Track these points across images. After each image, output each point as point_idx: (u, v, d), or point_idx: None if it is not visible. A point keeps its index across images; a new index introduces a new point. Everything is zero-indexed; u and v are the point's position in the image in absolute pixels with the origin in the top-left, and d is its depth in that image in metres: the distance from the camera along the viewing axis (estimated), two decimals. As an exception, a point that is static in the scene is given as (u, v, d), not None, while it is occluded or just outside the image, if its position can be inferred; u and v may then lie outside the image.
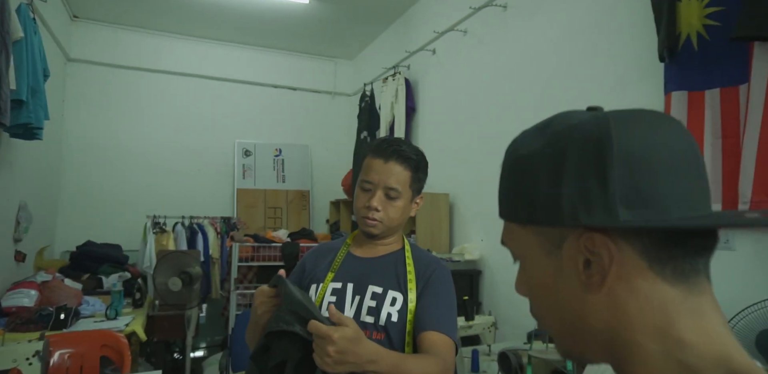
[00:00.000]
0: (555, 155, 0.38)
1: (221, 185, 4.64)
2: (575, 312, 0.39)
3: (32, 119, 2.48)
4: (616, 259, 0.36)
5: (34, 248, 3.35)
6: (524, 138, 0.43)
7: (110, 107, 4.29)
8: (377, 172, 1.09)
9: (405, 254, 1.16)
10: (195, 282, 3.04)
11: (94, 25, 4.21)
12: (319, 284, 1.13)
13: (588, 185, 0.36)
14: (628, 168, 0.35)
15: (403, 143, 1.13)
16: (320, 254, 1.21)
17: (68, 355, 2.20)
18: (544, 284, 0.42)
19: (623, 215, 0.35)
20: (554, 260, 0.40)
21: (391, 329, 1.05)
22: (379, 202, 1.09)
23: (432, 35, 3.47)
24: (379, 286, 1.09)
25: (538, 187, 0.39)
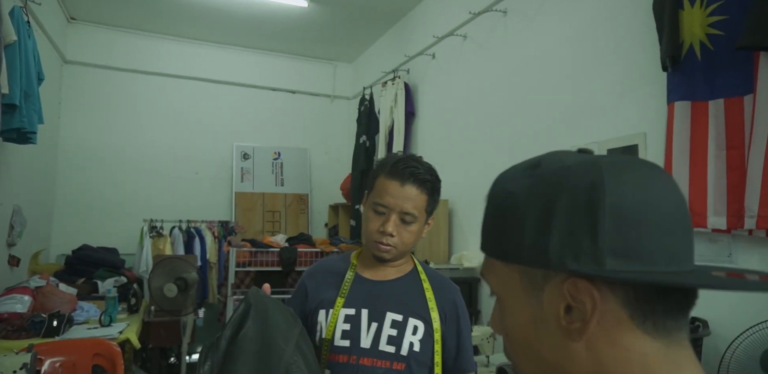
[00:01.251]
0: (545, 198, 0.38)
1: (219, 188, 4.61)
2: (553, 359, 0.39)
3: (25, 124, 2.45)
4: (599, 307, 0.36)
5: (28, 252, 3.32)
6: (513, 174, 0.42)
7: (107, 109, 4.26)
8: (393, 196, 1.03)
9: (420, 276, 1.12)
10: (191, 288, 3.01)
11: (91, 27, 4.18)
12: (328, 310, 1.06)
13: (577, 235, 0.36)
14: (619, 222, 0.35)
15: (418, 164, 1.07)
16: (322, 277, 1.14)
17: (59, 364, 2.17)
18: (521, 325, 0.41)
19: (610, 264, 0.35)
20: (534, 303, 0.39)
21: (413, 359, 1.02)
22: (394, 227, 1.03)
23: (431, 40, 3.44)
24: (399, 313, 1.04)
25: (525, 227, 0.38)
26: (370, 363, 1.01)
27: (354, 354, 1.02)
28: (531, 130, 2.55)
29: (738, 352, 1.27)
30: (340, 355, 1.03)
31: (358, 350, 1.02)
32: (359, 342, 1.02)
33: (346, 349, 1.03)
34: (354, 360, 1.01)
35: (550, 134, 2.40)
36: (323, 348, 1.05)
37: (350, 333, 1.03)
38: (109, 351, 2.26)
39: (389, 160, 1.08)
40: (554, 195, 0.37)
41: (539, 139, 2.47)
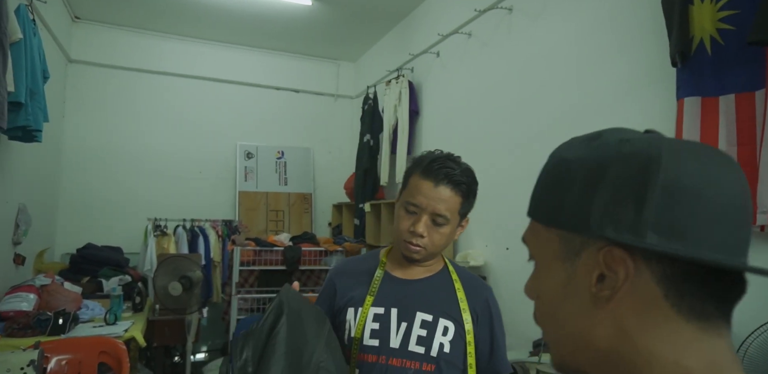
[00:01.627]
0: (598, 164, 0.37)
1: (223, 187, 4.61)
2: (578, 324, 0.39)
3: (31, 122, 2.45)
4: (631, 279, 0.35)
5: (33, 250, 3.32)
6: (571, 143, 0.42)
7: (111, 108, 4.26)
8: (426, 196, 1.00)
9: (451, 276, 1.09)
10: (195, 287, 3.00)
11: (96, 27, 4.18)
12: (357, 308, 1.05)
13: (622, 204, 0.35)
14: (668, 199, 0.34)
15: (455, 164, 1.03)
16: (351, 274, 1.12)
17: (65, 362, 2.17)
18: (553, 289, 0.41)
19: (650, 238, 0.34)
20: (569, 268, 0.39)
21: (443, 360, 1.00)
22: (424, 228, 1.01)
23: (436, 38, 3.43)
24: (429, 313, 1.02)
25: (571, 192, 0.38)
26: (399, 364, 0.99)
27: (383, 354, 1.00)
28: (536, 128, 2.54)
29: (751, 350, 1.26)
30: (369, 355, 1.01)
31: (387, 350, 1.00)
32: (388, 342, 1.00)
33: (375, 349, 1.01)
34: (383, 360, 1.00)
35: (556, 132, 2.39)
36: (353, 346, 1.03)
37: (379, 333, 1.02)
38: (114, 349, 2.26)
39: (425, 159, 1.05)
40: (606, 163, 0.37)
41: (544, 137, 2.46)
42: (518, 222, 2.67)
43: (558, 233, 0.40)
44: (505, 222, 2.69)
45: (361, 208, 4.03)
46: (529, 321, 1.77)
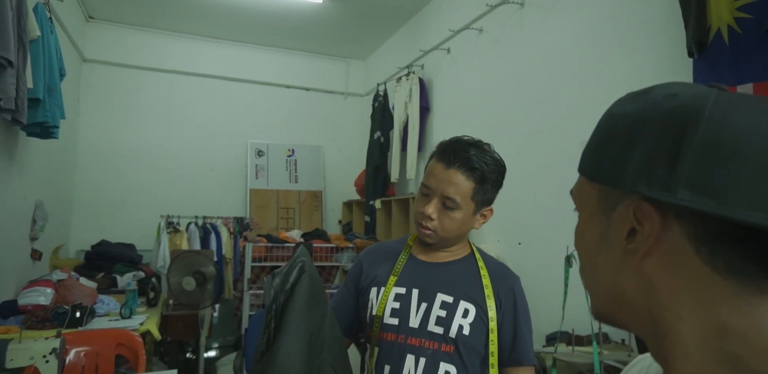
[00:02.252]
0: (639, 120, 0.37)
1: (234, 185, 4.64)
2: (611, 276, 0.40)
3: (48, 118, 2.49)
4: (655, 233, 0.35)
5: (49, 246, 3.37)
6: (623, 99, 0.41)
7: (125, 107, 4.31)
8: (437, 178, 1.00)
9: (477, 262, 1.08)
10: (208, 282, 3.03)
11: (109, 26, 4.24)
12: (380, 287, 1.06)
13: (656, 160, 0.35)
14: (705, 155, 0.33)
15: (472, 148, 1.01)
16: (378, 256, 1.14)
17: (84, 353, 2.20)
18: (590, 242, 0.42)
19: (682, 194, 0.33)
20: (604, 221, 0.40)
21: (462, 342, 0.99)
22: (434, 210, 1.01)
23: (447, 34, 3.43)
24: (449, 295, 1.02)
25: (612, 148, 0.38)
26: (418, 344, 0.99)
27: (402, 334, 1.01)
28: (548, 124, 2.53)
29: None
30: (389, 334, 1.02)
31: (406, 329, 1.01)
32: (408, 321, 1.01)
33: (394, 327, 1.02)
34: (402, 340, 1.00)
35: (568, 127, 2.38)
36: (374, 324, 1.04)
37: (399, 312, 1.02)
38: (131, 342, 2.29)
39: (445, 142, 1.05)
40: (647, 118, 0.36)
41: (557, 133, 2.46)
42: (530, 217, 2.68)
43: (598, 189, 0.41)
44: (517, 217, 2.68)
45: (372, 205, 4.04)
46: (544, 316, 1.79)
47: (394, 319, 1.02)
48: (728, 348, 0.33)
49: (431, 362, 0.98)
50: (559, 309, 1.56)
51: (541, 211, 2.53)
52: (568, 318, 1.54)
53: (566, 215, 2.22)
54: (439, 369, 0.98)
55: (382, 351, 1.01)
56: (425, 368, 0.98)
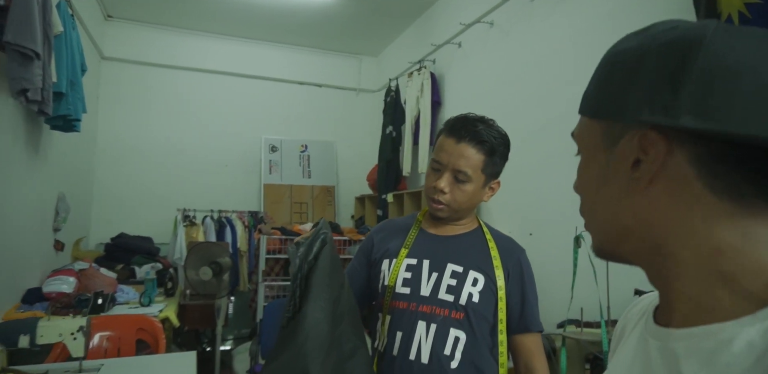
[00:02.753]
0: (640, 53, 0.38)
1: (248, 180, 4.72)
2: (615, 208, 0.41)
3: (71, 111, 2.57)
4: (665, 161, 0.37)
5: (71, 238, 3.46)
6: (623, 38, 0.43)
7: (142, 103, 4.41)
8: (447, 153, 1.04)
9: (485, 235, 1.12)
10: (225, 272, 3.10)
11: (127, 25, 4.33)
12: (392, 259, 1.10)
13: (659, 89, 0.36)
14: (708, 80, 0.34)
15: (480, 123, 1.05)
16: (389, 231, 1.18)
17: (107, 337, 2.28)
18: (593, 177, 0.43)
19: (685, 119, 0.34)
20: (608, 156, 0.41)
21: (471, 309, 1.03)
22: (446, 184, 1.04)
23: (458, 28, 3.46)
24: (459, 265, 1.06)
25: (614, 82, 0.39)
26: (429, 311, 1.03)
27: (414, 302, 1.05)
28: (559, 116, 2.55)
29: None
30: (401, 302, 1.06)
31: (417, 297, 1.05)
32: (419, 290, 1.05)
33: (406, 296, 1.06)
34: (413, 307, 1.04)
35: (577, 120, 2.40)
36: (386, 294, 1.08)
37: (411, 282, 1.06)
38: (151, 327, 2.36)
39: (452, 118, 1.09)
40: (648, 51, 0.37)
41: (565, 125, 2.46)
42: (540, 209, 2.70)
43: (601, 124, 0.42)
44: (528, 209, 2.70)
45: (384, 199, 4.08)
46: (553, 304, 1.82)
47: (406, 288, 1.06)
48: (723, 268, 0.35)
49: (442, 328, 1.02)
50: (567, 298, 1.58)
51: (552, 202, 2.54)
52: (578, 300, 1.57)
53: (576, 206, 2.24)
54: (449, 335, 1.02)
55: (394, 319, 1.05)
56: (436, 333, 1.01)
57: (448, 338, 1.01)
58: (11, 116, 2.34)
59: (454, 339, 1.01)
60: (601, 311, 1.42)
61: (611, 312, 1.53)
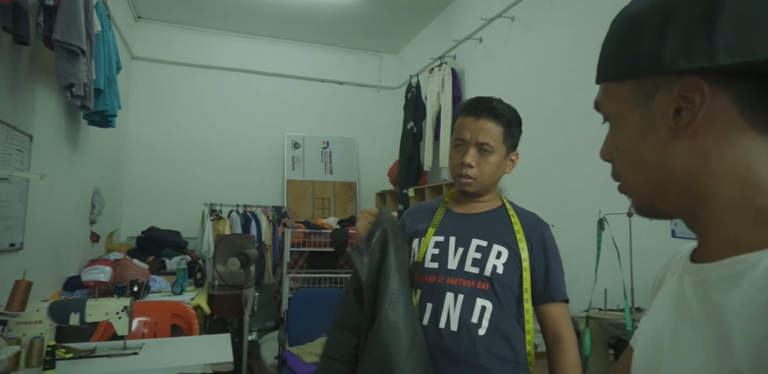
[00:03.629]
0: (666, 8, 0.39)
1: (272, 175, 4.82)
2: (658, 160, 0.41)
3: (108, 107, 2.69)
4: (707, 102, 0.37)
5: (105, 231, 3.61)
6: (633, 1, 0.43)
7: (170, 101, 4.55)
8: (469, 129, 1.12)
9: (508, 211, 1.18)
10: (251, 263, 3.19)
11: (155, 25, 4.48)
12: (421, 238, 1.17)
13: (693, 36, 0.37)
14: (738, 21, 0.35)
15: (493, 100, 1.15)
16: (418, 213, 1.26)
17: (144, 322, 2.38)
18: (630, 136, 0.44)
19: (723, 60, 0.35)
20: (643, 112, 0.42)
21: (496, 280, 1.09)
22: (472, 158, 1.11)
23: (479, 23, 3.49)
24: (484, 240, 1.12)
25: (643, 39, 0.40)
26: (456, 283, 1.09)
27: (441, 275, 1.11)
28: (579, 110, 2.56)
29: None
30: (429, 276, 1.13)
31: (445, 271, 1.11)
32: (447, 264, 1.11)
33: (434, 270, 1.12)
34: (442, 280, 1.11)
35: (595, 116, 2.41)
36: (415, 270, 1.15)
37: (438, 257, 1.13)
38: (185, 313, 2.46)
39: (465, 101, 1.18)
40: (674, 4, 0.38)
41: (587, 119, 2.48)
42: (562, 200, 2.72)
43: (630, 84, 0.42)
44: (549, 200, 2.73)
45: (405, 193, 4.14)
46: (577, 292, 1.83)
47: (434, 263, 1.13)
48: (760, 202, 0.36)
49: (468, 298, 1.08)
50: (593, 291, 1.61)
51: (573, 194, 2.57)
52: (602, 286, 1.60)
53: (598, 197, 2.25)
54: (476, 304, 1.07)
55: (424, 291, 1.12)
56: (463, 303, 1.07)
57: (475, 307, 1.07)
58: (54, 111, 2.47)
59: (481, 308, 1.07)
60: (624, 293, 1.45)
61: (635, 296, 1.56)
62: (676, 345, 0.41)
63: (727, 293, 0.36)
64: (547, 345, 1.14)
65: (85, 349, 1.69)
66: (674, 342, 0.41)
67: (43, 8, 1.90)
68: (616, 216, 1.48)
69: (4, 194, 1.88)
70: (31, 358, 1.49)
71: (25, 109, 2.11)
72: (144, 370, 1.54)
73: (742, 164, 0.37)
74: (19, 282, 1.47)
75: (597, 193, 2.31)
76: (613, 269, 1.58)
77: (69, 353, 1.62)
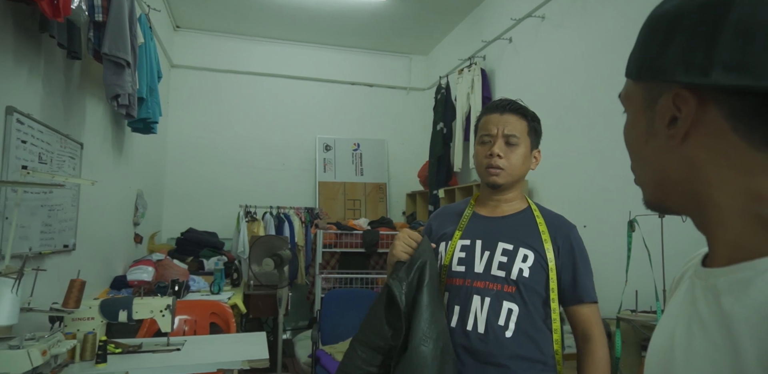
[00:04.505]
0: (677, 14, 0.39)
1: (304, 178, 4.93)
2: (658, 163, 0.43)
3: (150, 114, 2.83)
4: (698, 118, 0.38)
5: (147, 232, 3.78)
6: (662, 2, 0.43)
7: (207, 107, 4.71)
8: (494, 123, 1.16)
9: (533, 213, 1.19)
10: (285, 264, 3.28)
11: (193, 34, 4.65)
12: (447, 241, 1.20)
13: (694, 48, 0.37)
14: (741, 36, 0.35)
15: (514, 101, 1.21)
16: (445, 216, 1.28)
17: (184, 320, 2.49)
18: (637, 135, 0.45)
19: (717, 76, 0.35)
20: (649, 114, 0.43)
21: (522, 283, 1.10)
22: (500, 149, 1.14)
23: (509, 23, 3.48)
24: (510, 243, 1.14)
25: (653, 44, 0.41)
26: (482, 286, 1.12)
27: (468, 278, 1.13)
28: (612, 108, 2.52)
29: None
30: (456, 279, 1.15)
31: (472, 274, 1.13)
32: (473, 267, 1.13)
33: (461, 274, 1.15)
34: (468, 283, 1.13)
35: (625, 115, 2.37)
36: (442, 273, 1.17)
37: (465, 260, 1.15)
38: (223, 312, 2.56)
39: (489, 102, 1.24)
40: (684, 11, 0.39)
41: (614, 120, 2.44)
42: (594, 200, 2.69)
43: (642, 86, 0.44)
44: (582, 200, 2.70)
45: (435, 194, 4.15)
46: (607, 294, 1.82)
47: (461, 267, 1.15)
48: (763, 212, 0.37)
49: (495, 301, 1.10)
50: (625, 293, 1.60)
51: (606, 194, 2.53)
52: (632, 287, 1.58)
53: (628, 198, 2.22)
54: (503, 307, 1.09)
55: (452, 294, 1.15)
56: (490, 306, 1.09)
57: (501, 310, 1.09)
58: (102, 120, 2.62)
59: (508, 311, 1.09)
60: (656, 294, 1.43)
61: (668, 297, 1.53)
62: (687, 350, 0.42)
63: (737, 299, 0.37)
64: (577, 345, 1.15)
65: (132, 344, 1.80)
66: (686, 347, 0.42)
67: (92, 24, 2.03)
68: (648, 217, 1.46)
69: (59, 198, 2.01)
70: (85, 352, 1.60)
71: (77, 118, 2.25)
72: (186, 365, 1.63)
73: (742, 177, 0.38)
74: (74, 281, 1.58)
75: (627, 193, 2.28)
76: (644, 271, 1.56)
77: (118, 348, 1.73)
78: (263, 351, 1.82)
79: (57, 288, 1.91)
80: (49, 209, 1.92)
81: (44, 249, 1.87)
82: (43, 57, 1.87)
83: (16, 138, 1.65)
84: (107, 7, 2.07)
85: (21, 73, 1.73)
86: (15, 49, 1.67)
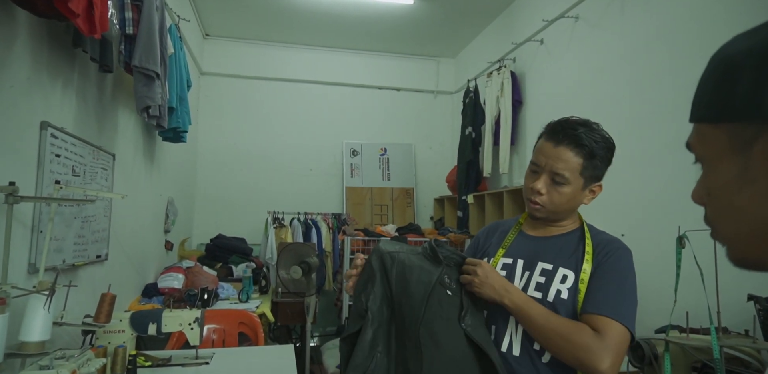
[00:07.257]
0: (765, 49, 0.37)
1: (331, 183, 4.92)
2: (757, 212, 0.39)
3: (180, 124, 2.85)
4: None
5: (177, 239, 3.82)
6: (735, 40, 0.41)
7: (235, 113, 4.76)
8: (545, 155, 1.06)
9: (584, 233, 1.11)
10: (313, 271, 3.26)
11: (222, 41, 4.71)
12: (489, 258, 1.15)
13: None
14: None
15: (580, 126, 1.05)
16: (493, 232, 1.23)
17: (213, 330, 2.50)
18: (726, 183, 0.41)
19: None
20: (742, 159, 0.39)
21: (560, 305, 1.02)
22: (543, 185, 1.06)
23: (540, 25, 3.38)
24: (550, 263, 1.07)
25: (742, 83, 0.38)
26: None
27: None
28: (650, 111, 2.41)
29: None
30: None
31: None
32: None
33: None
34: None
35: (673, 114, 2.26)
36: None
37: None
38: (251, 321, 2.55)
39: (552, 122, 1.09)
40: None
41: (660, 120, 2.33)
42: (634, 208, 2.57)
43: (727, 129, 0.40)
44: (620, 208, 2.58)
45: (464, 200, 4.07)
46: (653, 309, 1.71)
47: None
48: None
49: None
50: (668, 302, 1.50)
51: (646, 201, 2.41)
52: (682, 305, 1.48)
53: (676, 211, 2.09)
54: None
55: (490, 313, 1.09)
56: None
57: None
58: (134, 130, 2.65)
59: None
60: (710, 317, 1.33)
61: (722, 318, 1.43)
62: None
63: None
64: None
65: (161, 357, 1.79)
66: None
67: (123, 37, 2.05)
68: (698, 233, 1.37)
69: (93, 210, 2.04)
70: (116, 366, 1.60)
71: (109, 130, 2.28)
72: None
73: None
74: (105, 295, 1.58)
75: (676, 206, 2.17)
76: (695, 291, 1.46)
77: (148, 361, 1.73)
78: (291, 365, 1.80)
79: (91, 298, 1.94)
80: (82, 221, 1.95)
81: (78, 261, 1.89)
82: (76, 71, 1.90)
83: (50, 152, 1.67)
84: (138, 19, 2.09)
85: (55, 88, 1.75)
86: (49, 65, 1.69)
